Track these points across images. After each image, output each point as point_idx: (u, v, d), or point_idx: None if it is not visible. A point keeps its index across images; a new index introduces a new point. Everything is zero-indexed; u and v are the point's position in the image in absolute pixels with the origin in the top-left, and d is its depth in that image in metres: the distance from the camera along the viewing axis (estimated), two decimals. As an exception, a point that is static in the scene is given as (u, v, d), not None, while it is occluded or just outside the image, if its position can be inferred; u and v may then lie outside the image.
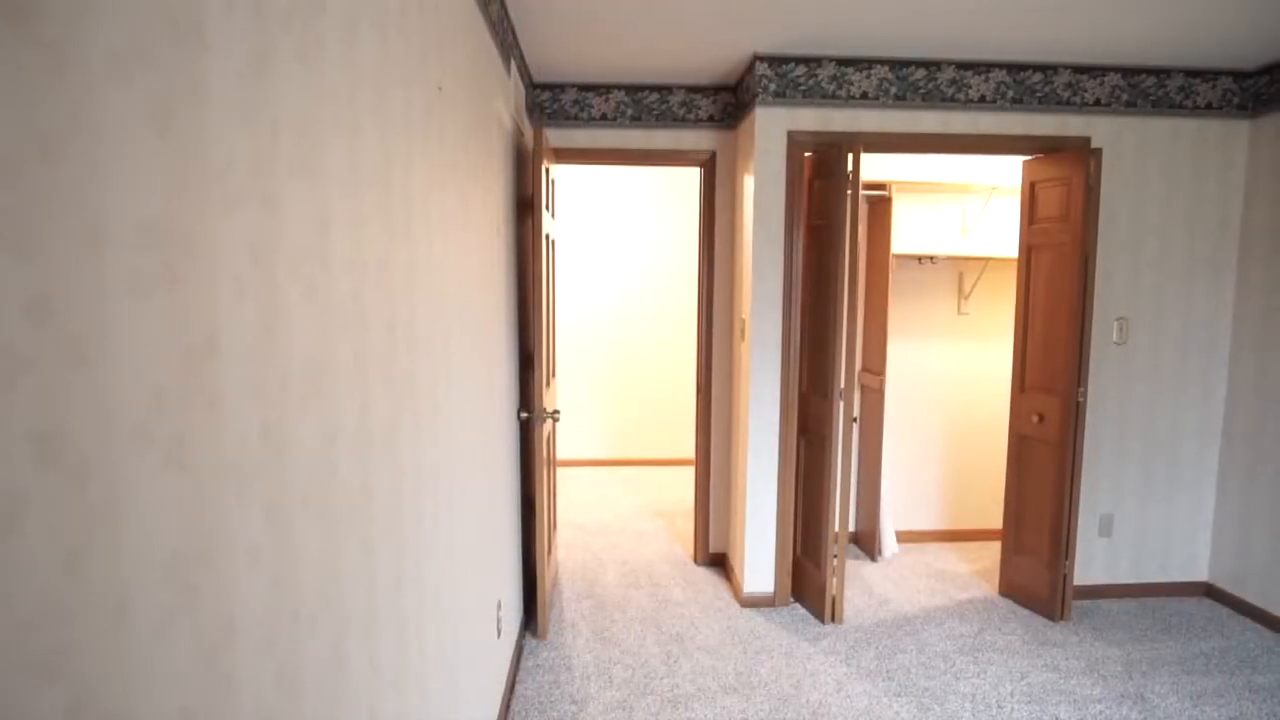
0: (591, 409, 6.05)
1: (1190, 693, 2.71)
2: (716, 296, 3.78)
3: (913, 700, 2.65)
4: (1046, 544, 3.28)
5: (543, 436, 3.07)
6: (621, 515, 4.77)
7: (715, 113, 3.68)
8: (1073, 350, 3.13)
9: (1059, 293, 3.19)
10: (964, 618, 3.30)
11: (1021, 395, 3.39)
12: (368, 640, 1.13)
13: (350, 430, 1.05)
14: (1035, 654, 2.99)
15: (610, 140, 3.67)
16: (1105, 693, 2.71)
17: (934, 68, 3.24)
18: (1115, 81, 3.31)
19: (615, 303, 5.99)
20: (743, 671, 2.83)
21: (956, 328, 4.16)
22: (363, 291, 1.11)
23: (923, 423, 4.21)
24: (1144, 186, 3.37)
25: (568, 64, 3.35)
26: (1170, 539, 3.55)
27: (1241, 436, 3.40)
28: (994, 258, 3.97)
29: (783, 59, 3.18)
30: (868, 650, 3.00)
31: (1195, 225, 3.41)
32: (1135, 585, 3.55)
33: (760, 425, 3.35)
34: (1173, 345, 3.45)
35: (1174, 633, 3.19)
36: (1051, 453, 3.24)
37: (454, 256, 1.80)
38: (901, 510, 4.22)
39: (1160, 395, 3.47)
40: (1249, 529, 3.36)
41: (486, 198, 2.32)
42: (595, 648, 3.01)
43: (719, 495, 3.88)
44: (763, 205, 3.25)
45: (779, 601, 3.40)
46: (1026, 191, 3.35)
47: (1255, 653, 3.02)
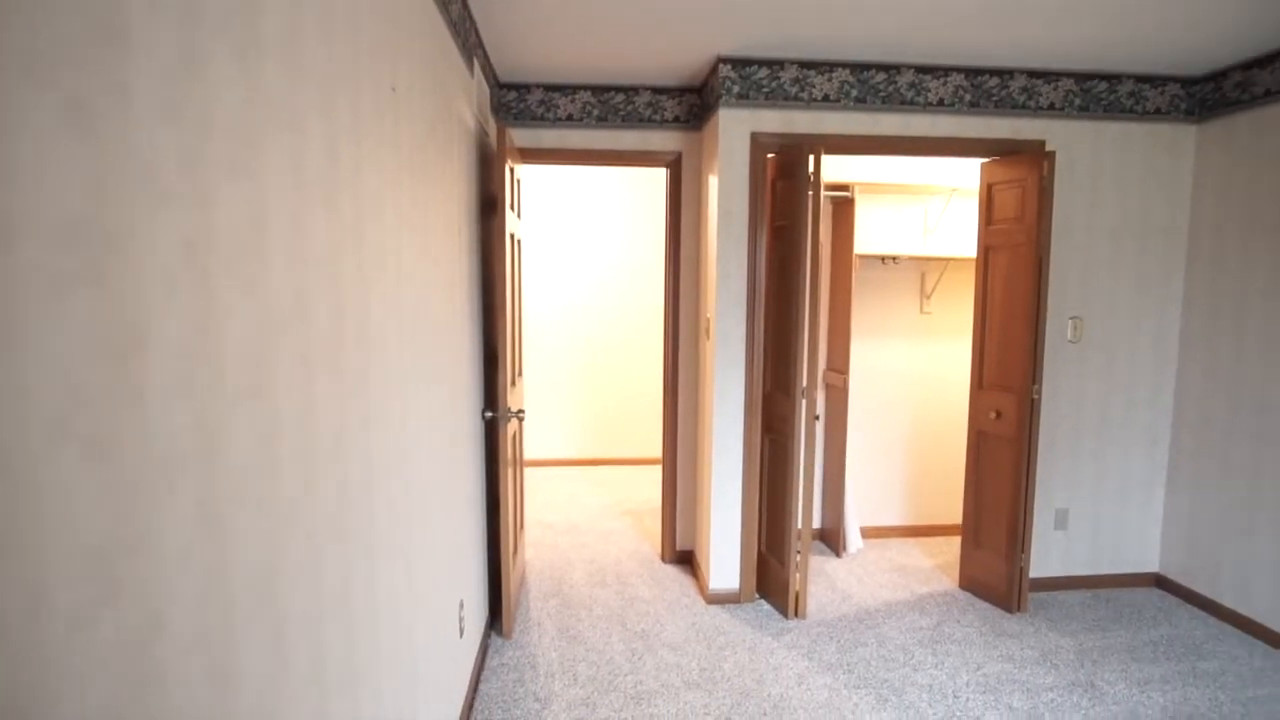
0: (562, 409, 6.06)
1: (1138, 679, 2.80)
2: (683, 296, 3.81)
3: (872, 692, 2.70)
4: (1004, 538, 3.35)
5: (508, 436, 3.07)
6: (590, 514, 4.79)
7: (681, 114, 3.71)
8: (1028, 349, 3.21)
9: (1015, 292, 3.27)
10: (924, 611, 3.37)
11: (980, 392, 3.47)
12: (313, 638, 1.13)
13: (293, 427, 1.05)
14: (992, 645, 3.06)
15: (577, 140, 3.68)
16: (1057, 681, 2.78)
17: (894, 71, 3.30)
18: (1069, 86, 3.40)
19: (585, 303, 6.00)
20: (706, 667, 2.86)
21: (919, 327, 4.24)
22: (308, 290, 1.11)
23: (887, 420, 4.28)
24: (1096, 189, 3.47)
25: (533, 64, 3.35)
26: (1122, 532, 3.66)
27: (1190, 433, 3.51)
28: (954, 258, 4.05)
29: (746, 61, 3.22)
30: (829, 644, 3.05)
31: (1146, 226, 3.52)
32: (1089, 577, 3.65)
33: (725, 424, 3.39)
34: (1124, 344, 3.55)
35: (1125, 622, 3.28)
36: (1009, 449, 3.32)
37: (411, 256, 1.80)
38: (866, 506, 4.28)
39: (1113, 392, 3.57)
40: (1196, 522, 3.47)
41: (447, 197, 2.32)
42: (560, 646, 3.02)
43: (686, 493, 3.91)
44: (727, 206, 3.29)
45: (744, 598, 3.44)
46: (984, 193, 3.43)
47: (1201, 640, 3.12)
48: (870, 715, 2.55)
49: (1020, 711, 2.59)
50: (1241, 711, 2.60)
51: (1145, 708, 2.62)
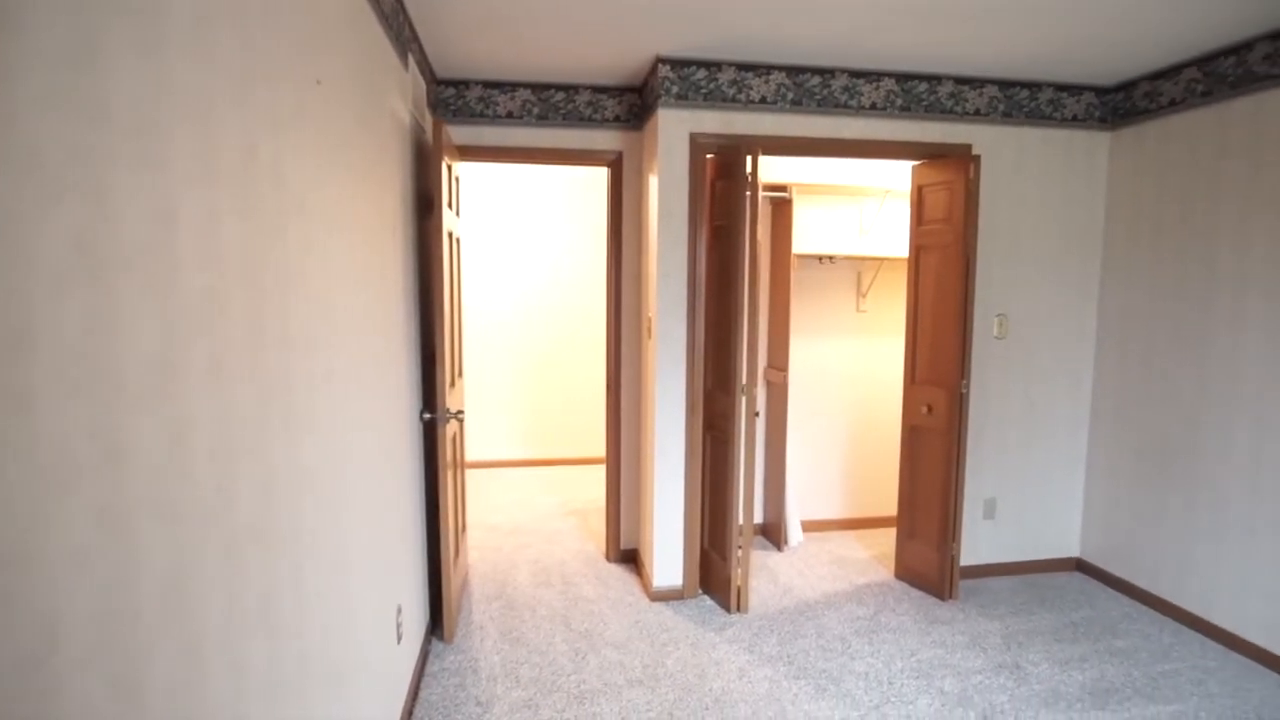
0: (507, 410, 6.00)
1: (1059, 659, 2.94)
2: (625, 295, 3.82)
3: (811, 682, 2.76)
4: (936, 528, 3.47)
5: (447, 437, 3.03)
6: (536, 515, 4.76)
7: (621, 113, 3.71)
8: (957, 345, 3.33)
9: (945, 291, 3.38)
10: (862, 601, 3.46)
11: (912, 387, 3.58)
12: (231, 648, 1.10)
13: (206, 431, 1.02)
14: (925, 632, 3.16)
15: (518, 139, 3.65)
16: (985, 664, 2.90)
17: (828, 75, 3.38)
18: (993, 93, 3.54)
19: (529, 302, 5.96)
20: (649, 664, 2.87)
21: (856, 325, 4.35)
22: (222, 288, 1.08)
23: (826, 416, 4.38)
24: (1020, 191, 3.62)
25: (472, 60, 3.31)
26: (1046, 519, 3.83)
27: (1105, 423, 3.70)
28: (889, 258, 4.17)
29: (684, 62, 3.25)
30: (770, 637, 3.10)
31: (1065, 227, 3.69)
32: (1016, 563, 3.81)
33: (667, 422, 3.42)
34: (1046, 339, 3.72)
35: (1048, 605, 3.44)
36: (940, 442, 3.44)
37: (340, 254, 1.76)
38: (806, 501, 4.37)
39: (1036, 386, 3.73)
40: (1113, 508, 3.66)
41: (381, 194, 2.27)
42: (503, 649, 2.99)
43: (630, 492, 3.92)
44: (667, 205, 3.31)
45: (687, 594, 3.48)
46: (915, 195, 3.54)
47: (1116, 620, 3.30)
48: (809, 705, 2.61)
49: (951, 694, 2.68)
50: (1152, 685, 2.75)
51: (1065, 686, 2.75)
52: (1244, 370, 2.99)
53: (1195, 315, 3.21)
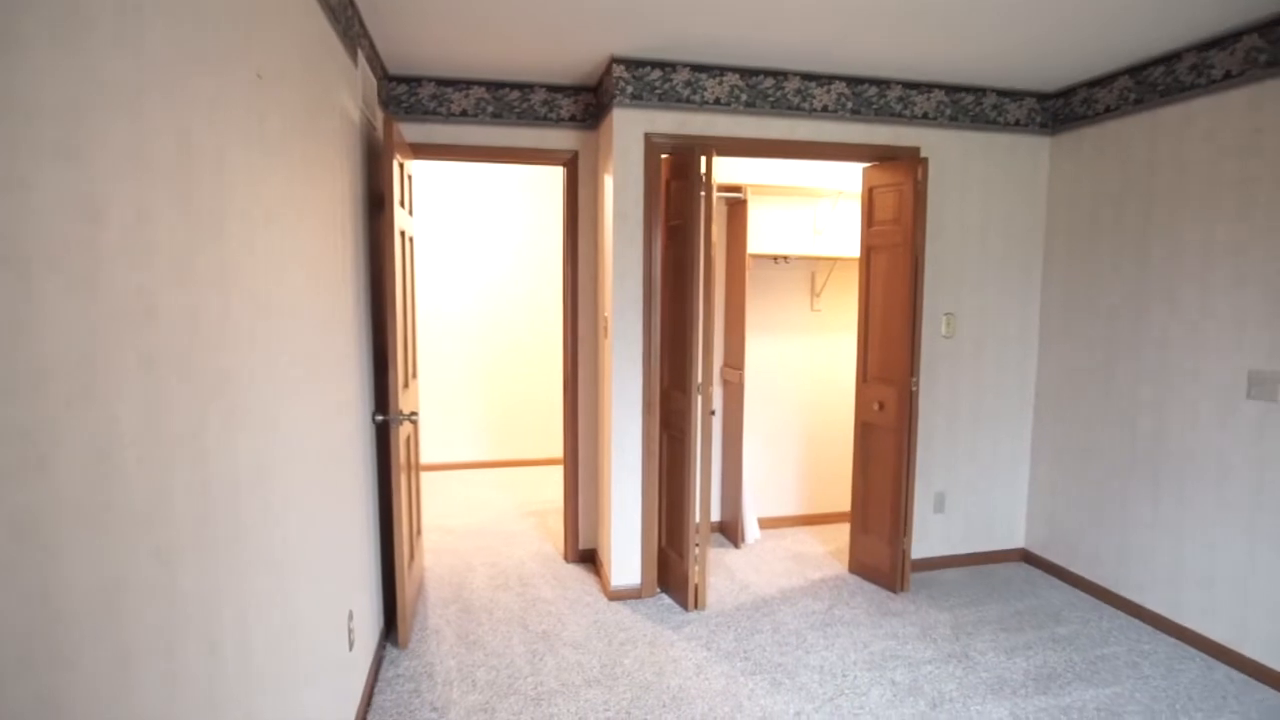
0: (465, 411, 5.93)
1: (1006, 647, 3.03)
2: (581, 295, 3.81)
3: (766, 677, 2.79)
4: (888, 522, 3.55)
5: (401, 439, 2.98)
6: (493, 517, 4.71)
7: (577, 112, 3.70)
8: (907, 343, 3.41)
9: (895, 290, 3.46)
10: (817, 596, 3.52)
11: (864, 385, 3.65)
12: (167, 659, 1.06)
13: (138, 434, 0.98)
14: (877, 624, 3.23)
15: (472, 137, 3.61)
16: (935, 654, 2.97)
17: (781, 77, 3.42)
18: (940, 97, 3.63)
19: (486, 303, 5.90)
20: (607, 664, 2.87)
21: (810, 324, 4.41)
22: (155, 287, 1.04)
23: (782, 414, 4.44)
24: (966, 193, 3.72)
25: (424, 57, 3.27)
26: (994, 512, 3.95)
27: (1049, 418, 3.83)
28: (842, 258, 4.24)
29: (639, 62, 3.25)
30: (727, 633, 3.13)
31: (1009, 228, 3.81)
32: (965, 555, 3.91)
33: (624, 421, 3.42)
34: (992, 337, 3.83)
35: (995, 595, 3.54)
36: (891, 438, 3.51)
37: (285, 252, 1.72)
38: (763, 498, 4.42)
39: (982, 383, 3.84)
40: (1055, 500, 3.79)
41: (329, 192, 2.23)
42: (459, 653, 2.96)
43: (588, 492, 3.91)
44: (622, 205, 3.32)
45: (645, 593, 3.48)
46: (866, 196, 3.61)
47: (1059, 607, 3.41)
48: (765, 699, 2.64)
49: (902, 685, 2.75)
50: (1091, 669, 2.86)
51: (1010, 673, 2.83)
52: (1174, 365, 3.13)
53: (1129, 313, 3.34)
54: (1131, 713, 2.58)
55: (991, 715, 2.56)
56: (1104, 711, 2.58)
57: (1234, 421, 2.89)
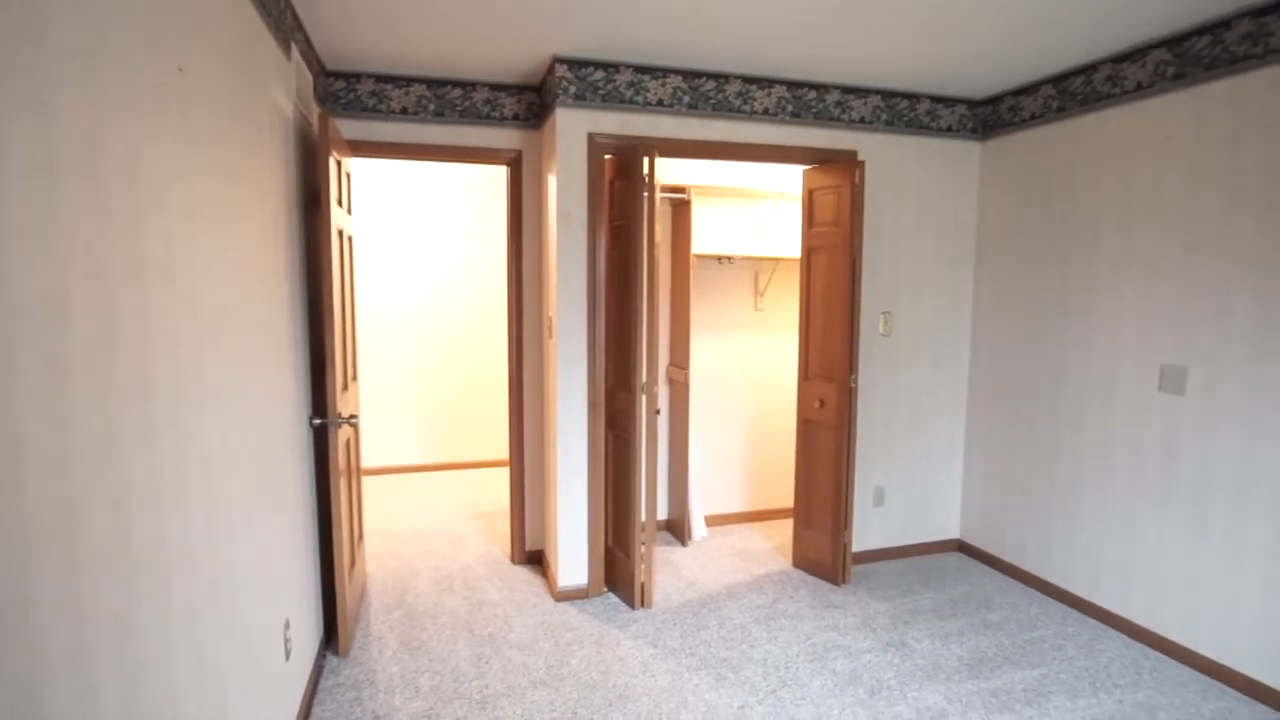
0: (409, 414, 5.83)
1: (940, 634, 3.14)
2: (526, 295, 3.79)
3: (712, 672, 2.83)
4: (829, 517, 3.63)
5: (340, 443, 2.92)
6: (439, 520, 4.65)
7: (520, 112, 3.68)
8: (846, 341, 3.49)
9: (834, 290, 3.54)
10: (762, 591, 3.58)
11: (806, 383, 3.73)
12: (81, 677, 1.02)
13: (44, 441, 0.94)
14: (820, 616, 3.30)
15: (413, 135, 3.56)
16: (874, 643, 3.06)
17: (723, 80, 3.47)
18: (876, 102, 3.73)
19: (430, 303, 5.81)
20: (553, 664, 2.87)
21: (754, 323, 4.49)
22: (63, 288, 1.00)
23: (727, 412, 4.50)
24: (902, 196, 3.84)
25: (363, 52, 3.20)
26: (930, 504, 4.08)
27: (981, 413, 3.98)
28: (784, 258, 4.32)
29: (582, 62, 3.25)
30: (673, 630, 3.16)
31: (943, 230, 3.94)
32: (903, 547, 4.04)
33: (569, 421, 3.41)
34: (927, 335, 3.96)
35: (931, 585, 3.67)
36: (831, 434, 3.60)
37: (211, 251, 1.66)
38: (710, 495, 4.48)
39: (918, 379, 3.97)
40: (987, 491, 3.94)
41: (260, 190, 2.16)
42: (403, 659, 2.91)
43: (534, 493, 3.89)
44: (565, 205, 3.31)
45: (593, 592, 3.49)
46: (806, 198, 3.69)
47: (991, 594, 3.55)
48: (710, 694, 2.68)
49: (843, 674, 2.82)
50: (1020, 652, 2.99)
51: (945, 658, 2.94)
52: (1094, 361, 3.29)
53: (1053, 311, 3.50)
54: (1056, 692, 2.70)
55: (927, 700, 2.64)
56: (1030, 692, 2.70)
57: (1147, 413, 3.05)
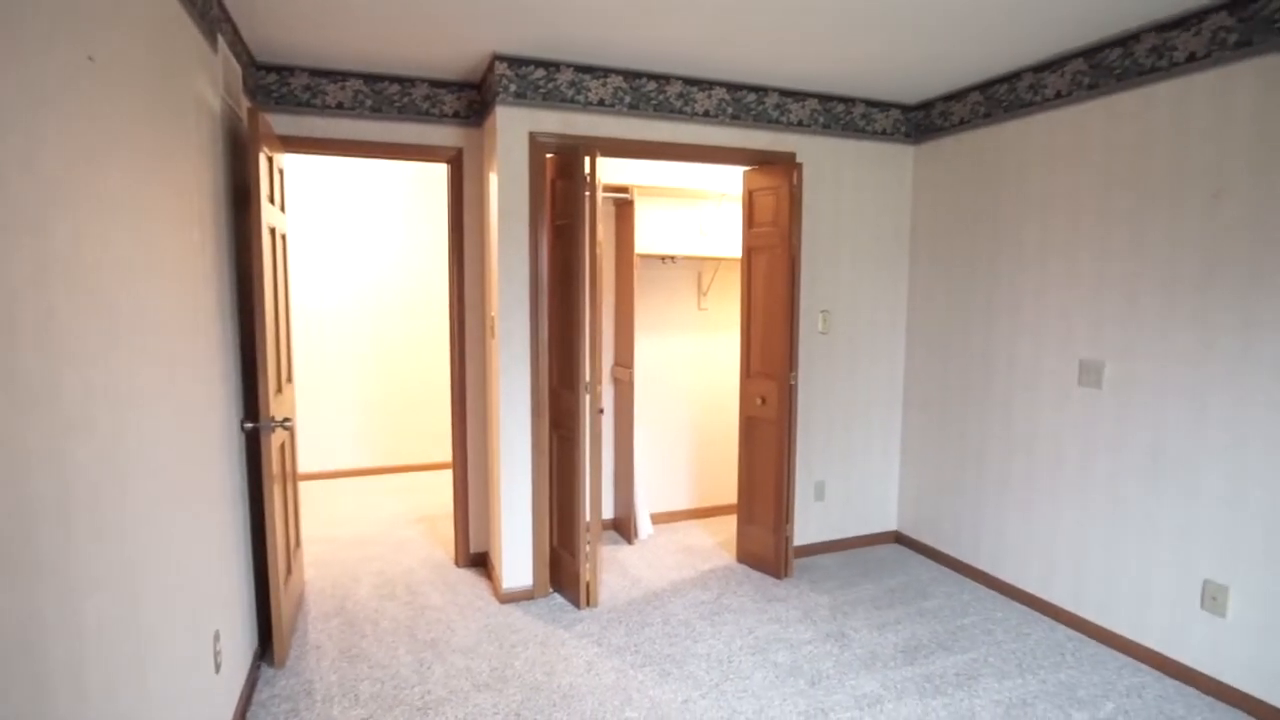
0: (350, 416, 5.69)
1: (878, 624, 3.23)
2: (468, 295, 3.75)
3: (656, 668, 2.85)
4: (772, 512, 3.70)
5: (274, 447, 2.83)
6: (381, 525, 4.55)
7: (460, 109, 3.64)
8: (786, 340, 3.56)
9: (774, 289, 3.61)
10: (706, 586, 3.62)
11: (748, 381, 3.79)
12: (-20, 692, 0.97)
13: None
14: (762, 610, 3.36)
15: (349, 131, 3.48)
16: (815, 634, 3.13)
17: (664, 81, 3.49)
18: (814, 106, 3.82)
19: (372, 304, 5.69)
20: (497, 667, 2.85)
21: (698, 322, 4.53)
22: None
23: (671, 411, 4.53)
24: (839, 197, 3.93)
25: (296, 45, 3.11)
26: (869, 497, 4.20)
27: (916, 408, 4.12)
28: (726, 258, 4.38)
29: (522, 61, 3.23)
30: (619, 628, 3.17)
31: (879, 231, 4.05)
32: (843, 540, 4.14)
33: (513, 421, 3.39)
34: (865, 332, 4.07)
35: (870, 576, 3.77)
36: (773, 431, 3.66)
37: (129, 249, 1.60)
38: (655, 493, 4.51)
39: (856, 375, 4.07)
40: (922, 484, 4.08)
41: (183, 185, 2.08)
42: (341, 667, 2.84)
43: (478, 495, 3.85)
44: (507, 204, 3.29)
45: (538, 593, 3.47)
46: (746, 199, 3.75)
47: (926, 583, 3.68)
48: (654, 690, 2.70)
49: (784, 666, 2.88)
50: (952, 638, 3.10)
51: (882, 647, 3.03)
52: (1020, 357, 3.43)
53: (981, 309, 3.64)
54: (985, 675, 2.81)
55: (864, 688, 2.72)
56: (962, 675, 2.81)
57: (1068, 407, 3.20)
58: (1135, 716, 2.55)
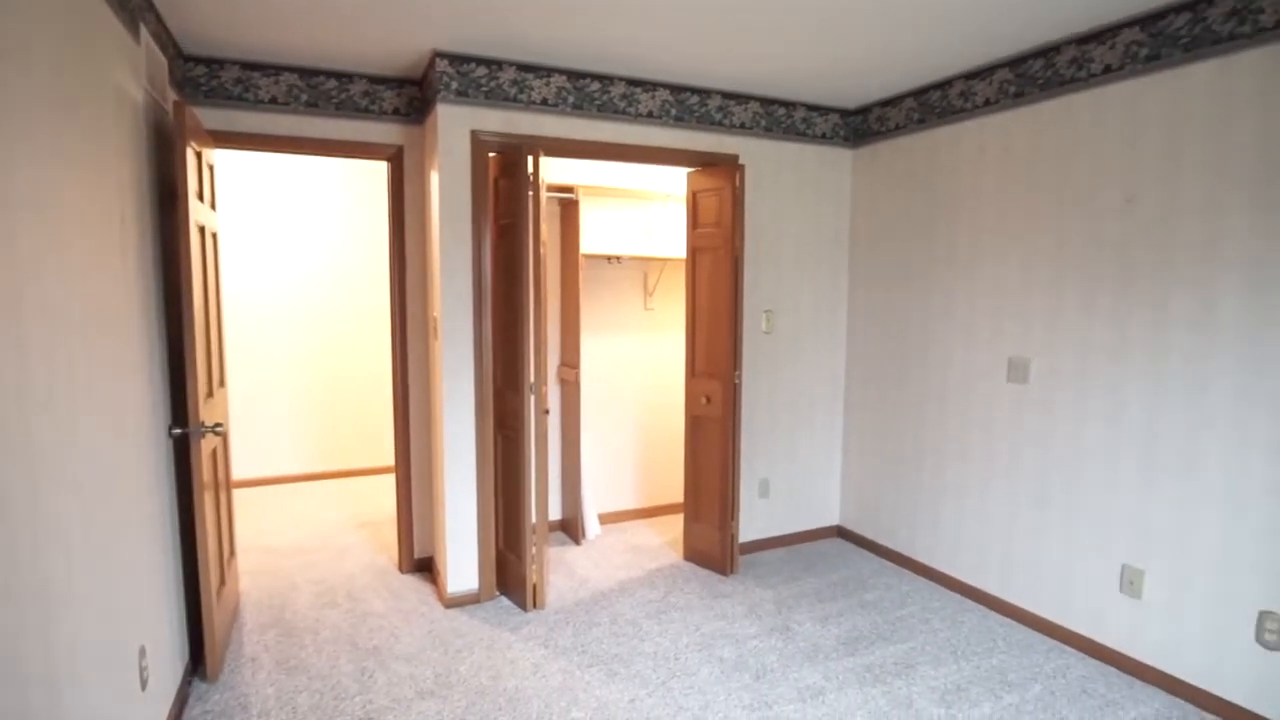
0: (289, 421, 5.52)
1: (820, 617, 3.30)
2: (410, 295, 3.68)
3: (603, 668, 2.85)
4: (717, 510, 3.74)
5: (206, 454, 2.73)
6: (321, 531, 4.43)
7: (401, 106, 3.57)
8: (730, 339, 3.61)
9: (718, 289, 3.65)
10: (653, 585, 3.64)
11: (693, 380, 3.83)
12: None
13: None
14: (709, 607, 3.40)
15: (284, 126, 3.38)
16: (760, 629, 3.18)
17: (608, 82, 3.50)
18: (756, 109, 3.88)
19: (311, 305, 5.54)
20: (442, 673, 2.81)
21: (644, 322, 4.55)
22: None
23: (619, 410, 4.54)
24: (781, 199, 4.00)
25: (226, 37, 3.00)
26: (811, 493, 4.29)
27: (856, 406, 4.22)
28: (672, 258, 4.41)
29: (464, 58, 3.20)
30: (566, 630, 3.16)
31: (820, 232, 4.14)
32: (788, 535, 4.22)
33: (457, 423, 3.35)
34: (807, 332, 4.16)
35: (813, 570, 3.85)
36: (718, 429, 3.71)
37: (41, 248, 1.52)
38: (603, 493, 4.51)
39: (799, 374, 4.16)
40: (863, 479, 4.18)
41: (101, 182, 1.99)
42: (279, 679, 2.76)
43: (423, 498, 3.79)
44: (449, 203, 3.25)
45: (484, 597, 3.44)
46: (690, 200, 3.78)
47: (867, 576, 3.78)
48: (601, 690, 2.70)
49: (729, 661, 2.91)
50: (891, 629, 3.19)
51: (824, 639, 3.10)
52: (953, 356, 3.56)
53: (917, 308, 3.76)
54: (922, 662, 2.91)
55: (807, 680, 2.78)
56: (900, 664, 2.89)
57: (998, 403, 3.34)
58: (1060, 696, 2.67)
